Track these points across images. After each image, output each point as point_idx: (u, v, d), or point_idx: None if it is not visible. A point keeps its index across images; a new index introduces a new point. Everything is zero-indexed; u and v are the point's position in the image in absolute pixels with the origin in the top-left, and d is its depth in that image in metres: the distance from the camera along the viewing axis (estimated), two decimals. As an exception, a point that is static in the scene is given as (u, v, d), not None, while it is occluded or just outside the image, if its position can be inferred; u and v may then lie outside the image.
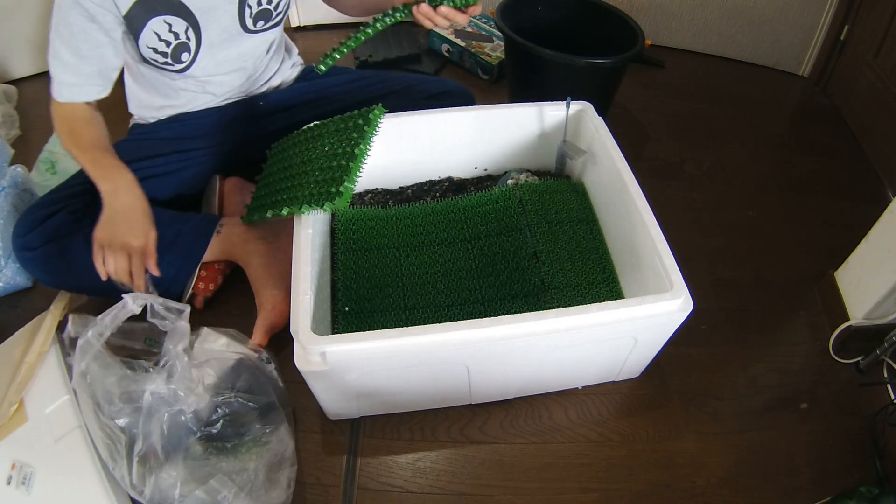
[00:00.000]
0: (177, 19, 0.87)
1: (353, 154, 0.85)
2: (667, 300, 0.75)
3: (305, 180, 0.88)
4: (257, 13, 0.94)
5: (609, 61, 1.27)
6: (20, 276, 1.06)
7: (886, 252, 0.95)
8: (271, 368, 0.88)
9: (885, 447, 0.90)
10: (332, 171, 0.85)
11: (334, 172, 0.85)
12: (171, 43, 0.89)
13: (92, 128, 0.92)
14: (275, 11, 0.97)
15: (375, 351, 0.71)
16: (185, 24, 0.88)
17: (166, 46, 0.89)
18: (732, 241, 1.21)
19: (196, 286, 1.00)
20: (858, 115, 1.50)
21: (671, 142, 1.45)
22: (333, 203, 0.81)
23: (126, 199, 0.87)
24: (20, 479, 0.74)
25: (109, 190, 0.87)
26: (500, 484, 0.85)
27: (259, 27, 0.97)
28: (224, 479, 0.75)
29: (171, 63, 0.91)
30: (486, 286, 0.92)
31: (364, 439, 0.89)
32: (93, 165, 0.88)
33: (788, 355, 1.03)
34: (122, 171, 0.89)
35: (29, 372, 0.84)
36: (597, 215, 1.01)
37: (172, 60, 0.91)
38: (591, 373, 0.93)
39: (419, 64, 1.64)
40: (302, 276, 0.76)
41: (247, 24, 0.95)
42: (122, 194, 0.87)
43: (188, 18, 0.88)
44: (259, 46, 1.01)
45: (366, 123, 0.89)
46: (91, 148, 0.90)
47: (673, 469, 0.88)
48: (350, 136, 0.89)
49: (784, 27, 1.62)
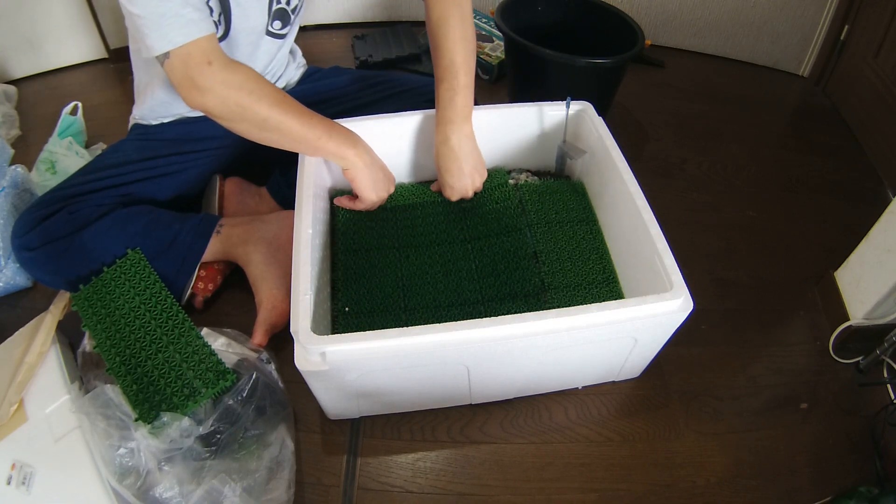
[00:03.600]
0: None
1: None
2: (667, 300, 0.75)
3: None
4: (276, 11, 0.94)
5: (609, 61, 1.27)
6: (20, 276, 1.06)
7: (886, 252, 0.95)
8: (271, 368, 0.88)
9: (885, 447, 0.90)
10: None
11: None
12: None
13: (265, 82, 0.82)
14: (292, 14, 0.98)
15: (375, 351, 0.71)
16: (219, 8, 0.87)
17: None
18: (732, 241, 1.21)
19: (195, 286, 1.00)
20: (858, 115, 1.50)
21: (671, 142, 1.45)
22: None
23: (373, 158, 0.93)
24: (20, 479, 0.74)
25: (357, 152, 0.89)
26: (500, 484, 0.85)
27: (276, 28, 0.97)
28: (225, 479, 0.75)
29: None
30: (486, 286, 0.92)
31: (364, 439, 0.89)
32: (326, 133, 0.85)
33: (788, 355, 1.03)
34: (353, 133, 0.90)
35: (29, 372, 0.84)
36: (597, 215, 1.01)
37: None
38: (591, 373, 0.93)
39: (419, 64, 1.64)
40: (302, 276, 0.76)
41: (269, 26, 0.95)
42: (367, 154, 0.91)
43: (223, 3, 0.87)
44: (276, 53, 1.02)
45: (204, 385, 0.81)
46: (303, 112, 0.84)
47: (673, 469, 0.88)
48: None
49: (784, 27, 1.62)
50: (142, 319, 0.87)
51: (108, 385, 0.80)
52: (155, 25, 0.73)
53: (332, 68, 1.23)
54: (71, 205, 0.93)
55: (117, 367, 0.83)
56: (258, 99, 0.80)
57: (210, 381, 0.80)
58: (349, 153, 0.89)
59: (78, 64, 1.63)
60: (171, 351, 0.84)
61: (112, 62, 1.63)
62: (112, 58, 1.63)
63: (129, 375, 0.81)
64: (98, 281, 0.92)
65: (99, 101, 1.47)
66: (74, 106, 1.37)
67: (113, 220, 0.93)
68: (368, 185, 0.93)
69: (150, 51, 0.75)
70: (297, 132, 0.84)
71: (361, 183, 0.93)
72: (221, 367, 0.81)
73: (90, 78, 1.60)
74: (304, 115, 0.85)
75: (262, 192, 1.12)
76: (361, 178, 0.92)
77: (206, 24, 0.76)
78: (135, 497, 0.74)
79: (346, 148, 0.88)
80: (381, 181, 0.95)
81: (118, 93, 1.54)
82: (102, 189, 0.96)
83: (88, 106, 1.40)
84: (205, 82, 0.77)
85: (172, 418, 0.75)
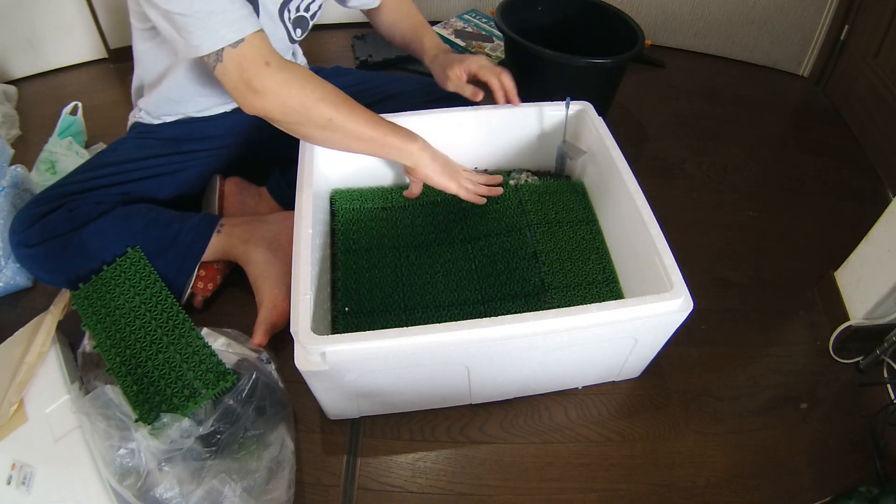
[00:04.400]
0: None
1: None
2: (667, 300, 0.75)
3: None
4: (295, 19, 0.95)
5: (609, 61, 1.27)
6: (20, 275, 1.06)
7: (886, 252, 0.95)
8: (271, 368, 0.88)
9: (885, 447, 0.90)
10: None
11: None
12: None
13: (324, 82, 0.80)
14: (311, 20, 0.98)
15: (375, 351, 0.71)
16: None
17: None
18: (732, 241, 1.21)
19: (195, 286, 1.00)
20: (858, 115, 1.50)
21: (671, 142, 1.45)
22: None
23: (435, 152, 0.93)
24: (20, 479, 0.74)
25: (421, 146, 0.90)
26: (500, 484, 0.85)
27: (297, 35, 0.98)
28: (225, 479, 0.75)
29: None
30: (486, 286, 0.92)
31: (364, 439, 0.89)
32: (391, 131, 0.86)
33: (788, 355, 1.03)
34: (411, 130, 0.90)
35: (29, 372, 0.84)
36: (597, 215, 1.01)
37: None
38: (591, 373, 0.93)
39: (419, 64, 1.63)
40: (302, 276, 0.76)
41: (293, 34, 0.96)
42: (430, 147, 0.92)
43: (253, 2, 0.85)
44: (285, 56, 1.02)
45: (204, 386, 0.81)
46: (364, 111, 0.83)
47: (673, 469, 0.88)
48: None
49: (784, 27, 1.62)
50: (142, 319, 0.87)
51: (108, 385, 0.80)
52: (202, 23, 0.69)
53: (333, 68, 1.23)
54: (70, 202, 0.92)
55: (117, 368, 0.83)
56: (320, 99, 0.78)
57: (210, 382, 0.80)
58: (413, 148, 0.88)
59: (78, 64, 1.63)
60: (171, 351, 0.84)
61: (112, 62, 1.63)
62: (112, 58, 1.63)
63: (129, 376, 0.81)
64: (98, 279, 0.92)
65: (99, 101, 1.47)
66: (74, 106, 1.37)
67: (113, 219, 0.93)
68: (440, 174, 0.93)
69: (197, 50, 0.72)
70: (361, 132, 0.83)
71: (433, 176, 0.92)
72: (221, 368, 0.81)
73: (90, 78, 1.60)
74: (366, 114, 0.84)
75: (262, 192, 1.12)
76: (431, 172, 0.92)
77: (255, 20, 0.73)
78: (135, 497, 0.74)
79: (410, 143, 0.88)
80: (451, 168, 0.95)
81: (118, 93, 1.54)
82: (102, 187, 0.96)
83: (88, 106, 1.40)
84: (264, 85, 0.74)
85: (173, 419, 0.75)
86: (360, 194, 1.04)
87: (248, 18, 0.72)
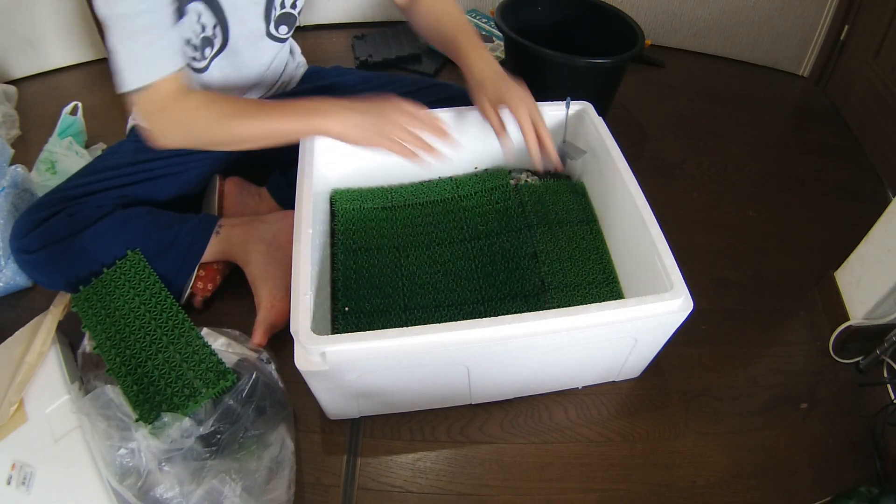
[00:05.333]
0: (207, 11, 0.85)
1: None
2: (667, 300, 0.75)
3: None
4: (280, 16, 0.94)
5: (609, 61, 1.27)
6: (20, 276, 1.05)
7: (886, 252, 0.95)
8: (271, 368, 0.88)
9: (885, 447, 0.90)
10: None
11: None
12: (199, 35, 0.87)
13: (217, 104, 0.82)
14: (298, 16, 0.97)
15: (375, 351, 0.71)
16: (213, 20, 0.87)
17: (195, 38, 0.87)
18: (732, 241, 1.22)
19: (195, 286, 1.00)
20: (858, 115, 1.50)
21: (671, 142, 1.45)
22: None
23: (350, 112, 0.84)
24: (20, 479, 0.74)
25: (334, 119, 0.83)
26: (500, 484, 0.85)
27: (282, 33, 0.97)
28: (225, 479, 0.75)
29: (197, 59, 0.91)
30: (486, 286, 0.92)
31: (364, 439, 0.89)
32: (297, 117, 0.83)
33: (788, 355, 1.03)
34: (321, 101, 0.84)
35: (29, 372, 0.84)
36: (597, 215, 1.01)
37: (200, 57, 0.90)
38: (591, 373, 0.93)
39: (419, 64, 1.64)
40: (302, 276, 0.76)
41: (271, 29, 0.95)
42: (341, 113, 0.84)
43: (217, 14, 0.87)
44: (278, 53, 1.02)
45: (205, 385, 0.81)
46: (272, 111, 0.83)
47: (673, 469, 0.88)
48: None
49: (784, 27, 1.62)
50: (142, 320, 0.87)
51: (108, 385, 0.80)
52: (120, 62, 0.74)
53: (333, 68, 1.23)
54: (70, 206, 0.93)
55: (117, 368, 0.83)
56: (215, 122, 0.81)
57: (210, 382, 0.80)
58: (329, 124, 0.84)
59: (78, 64, 1.63)
60: (171, 351, 0.84)
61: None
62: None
63: (129, 376, 0.81)
64: (98, 282, 0.92)
65: (99, 101, 1.47)
66: (74, 106, 1.37)
67: (112, 222, 0.93)
68: (363, 137, 0.84)
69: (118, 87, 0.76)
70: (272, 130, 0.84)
71: (360, 142, 0.85)
72: (222, 368, 0.81)
73: (90, 78, 1.60)
74: (274, 111, 0.83)
75: (262, 192, 1.12)
76: (355, 138, 0.85)
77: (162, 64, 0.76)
78: (135, 497, 0.74)
79: (323, 120, 0.83)
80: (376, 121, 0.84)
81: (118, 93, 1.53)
82: (102, 190, 0.96)
83: (88, 106, 1.40)
84: (159, 129, 0.80)
85: (173, 419, 0.76)
86: (359, 194, 1.04)
87: (151, 64, 0.75)
